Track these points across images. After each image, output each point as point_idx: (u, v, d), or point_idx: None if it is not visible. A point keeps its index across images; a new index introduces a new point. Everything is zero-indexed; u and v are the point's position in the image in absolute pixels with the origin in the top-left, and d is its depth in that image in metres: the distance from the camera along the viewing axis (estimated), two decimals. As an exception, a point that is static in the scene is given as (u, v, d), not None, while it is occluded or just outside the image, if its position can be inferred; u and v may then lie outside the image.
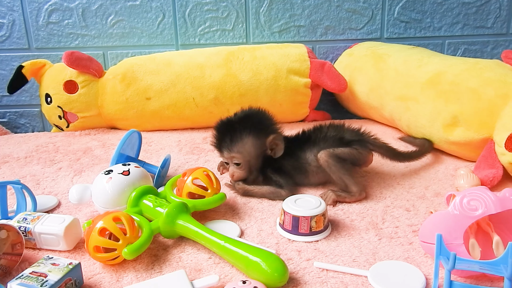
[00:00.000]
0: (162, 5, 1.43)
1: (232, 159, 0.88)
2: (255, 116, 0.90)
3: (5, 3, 1.39)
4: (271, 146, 0.89)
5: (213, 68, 1.29)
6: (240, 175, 0.89)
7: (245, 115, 0.90)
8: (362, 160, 0.93)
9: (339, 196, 0.84)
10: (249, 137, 0.87)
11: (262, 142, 0.88)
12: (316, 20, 1.48)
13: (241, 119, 0.89)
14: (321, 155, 0.86)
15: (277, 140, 0.88)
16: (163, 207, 0.73)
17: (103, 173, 0.80)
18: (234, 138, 0.87)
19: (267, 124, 0.90)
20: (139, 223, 0.70)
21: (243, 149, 0.87)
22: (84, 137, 1.28)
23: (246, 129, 0.86)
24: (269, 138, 0.88)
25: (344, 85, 1.28)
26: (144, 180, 0.81)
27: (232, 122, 0.88)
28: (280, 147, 0.89)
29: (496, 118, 0.93)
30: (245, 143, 0.87)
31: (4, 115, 1.50)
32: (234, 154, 0.87)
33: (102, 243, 0.63)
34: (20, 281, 0.56)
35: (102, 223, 0.64)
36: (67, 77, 1.28)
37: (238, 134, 0.86)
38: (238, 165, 0.89)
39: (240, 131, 0.86)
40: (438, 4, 1.48)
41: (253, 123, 0.88)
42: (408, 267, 0.64)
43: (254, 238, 0.73)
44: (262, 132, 0.88)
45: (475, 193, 0.61)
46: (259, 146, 0.88)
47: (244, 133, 0.86)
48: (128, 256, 0.63)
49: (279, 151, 0.89)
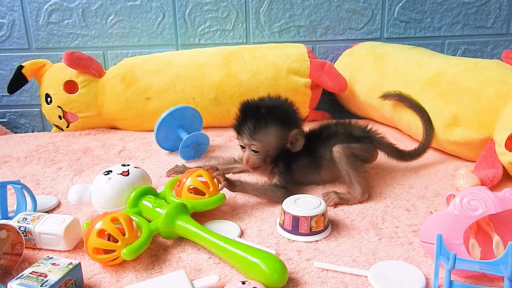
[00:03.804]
0: (162, 5, 1.43)
1: (251, 146, 0.86)
2: (283, 107, 0.87)
3: (5, 3, 1.39)
4: (292, 140, 0.88)
5: (213, 68, 1.29)
6: (255, 162, 0.87)
7: (274, 104, 0.87)
8: (370, 156, 0.94)
9: (341, 199, 0.84)
10: (274, 127, 0.85)
11: (285, 135, 0.86)
12: (316, 20, 1.47)
13: (270, 107, 0.85)
14: (336, 148, 0.86)
15: (299, 135, 0.88)
16: (162, 208, 0.72)
17: (102, 174, 0.79)
18: (258, 125, 0.84)
19: (293, 117, 0.88)
20: (138, 223, 0.70)
21: (265, 138, 0.85)
22: (84, 137, 1.28)
23: (272, 119, 0.84)
24: (292, 132, 0.87)
25: (344, 85, 1.28)
26: (143, 180, 0.81)
27: (260, 108, 0.85)
28: (300, 142, 0.88)
29: (496, 118, 0.93)
30: (269, 132, 0.85)
31: (4, 115, 1.50)
32: (254, 142, 0.85)
33: (101, 244, 0.63)
34: (20, 281, 0.56)
35: (100, 225, 0.64)
36: (67, 77, 1.28)
37: (263, 122, 0.84)
38: (255, 153, 0.86)
39: (266, 119, 0.84)
40: (438, 4, 1.48)
41: (280, 114, 0.85)
42: (408, 267, 0.64)
43: (254, 238, 0.73)
44: (287, 124, 0.86)
45: (475, 193, 0.61)
46: (281, 138, 0.86)
47: (270, 123, 0.84)
48: (127, 257, 0.63)
49: (299, 146, 0.88)
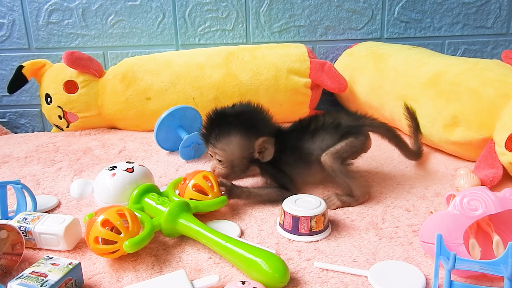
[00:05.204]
0: (162, 5, 1.43)
1: (215, 155, 0.84)
2: (248, 114, 0.83)
3: (5, 3, 1.39)
4: (260, 149, 0.83)
5: (213, 68, 1.29)
6: (220, 172, 0.85)
7: (239, 111, 0.83)
8: (362, 147, 0.88)
9: (343, 203, 0.83)
10: (236, 136, 0.81)
11: (250, 144, 0.82)
12: (316, 20, 1.47)
13: (234, 114, 0.82)
14: (325, 159, 0.82)
15: (267, 144, 0.82)
16: (165, 206, 0.73)
17: (107, 169, 0.80)
18: (220, 133, 0.81)
19: (259, 124, 0.83)
20: (141, 219, 0.70)
21: (227, 147, 0.82)
22: (84, 137, 1.28)
23: (235, 127, 0.80)
24: (258, 141, 0.81)
25: (344, 85, 1.28)
26: (147, 179, 0.81)
27: (225, 115, 0.82)
28: (269, 151, 0.83)
29: (496, 118, 0.93)
30: (230, 141, 0.81)
31: (4, 115, 1.50)
32: (217, 151, 0.82)
33: (104, 234, 0.63)
34: (20, 281, 0.56)
35: (106, 215, 0.64)
36: (67, 77, 1.28)
37: (225, 130, 0.81)
38: (220, 162, 0.84)
39: (228, 127, 0.81)
40: (438, 4, 1.48)
41: (244, 121, 0.81)
42: (408, 267, 0.64)
43: (254, 238, 0.73)
44: (251, 132, 0.81)
45: (475, 193, 0.61)
46: (245, 147, 0.82)
47: (232, 131, 0.81)
48: (129, 249, 0.63)
49: (268, 155, 0.83)
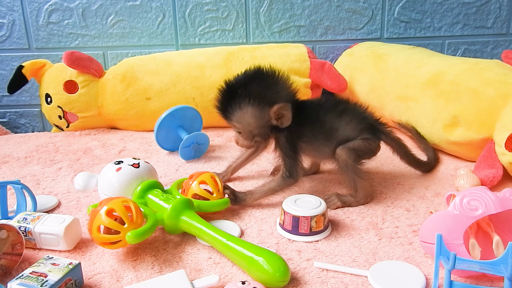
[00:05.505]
0: (162, 5, 1.43)
1: (234, 127, 0.82)
2: (258, 81, 0.79)
3: (5, 3, 1.39)
4: (277, 116, 0.79)
5: (213, 68, 1.29)
6: (243, 143, 0.83)
7: (248, 79, 0.79)
8: (374, 151, 0.88)
9: (344, 203, 0.82)
10: (247, 107, 0.78)
11: (265, 112, 0.79)
12: (316, 20, 1.47)
13: (244, 83, 0.78)
14: (340, 152, 0.82)
15: (283, 110, 0.78)
16: (168, 202, 0.73)
17: (113, 163, 0.81)
18: (233, 106, 0.78)
19: (271, 92, 0.79)
20: (144, 213, 0.70)
21: (242, 119, 0.79)
22: (84, 137, 1.28)
23: (245, 98, 0.77)
24: (273, 109, 0.78)
25: (344, 85, 1.28)
26: (152, 176, 0.82)
27: (235, 87, 0.79)
28: (287, 117, 0.79)
29: (496, 118, 0.93)
30: (244, 113, 0.78)
31: (4, 115, 1.50)
32: (234, 123, 0.81)
33: (108, 224, 0.63)
34: (20, 281, 0.56)
35: (111, 205, 0.64)
36: (67, 77, 1.28)
37: (237, 103, 0.78)
38: (240, 133, 0.82)
39: (239, 99, 0.78)
40: (438, 4, 1.48)
41: (253, 91, 0.78)
42: (408, 267, 0.64)
43: (254, 238, 0.73)
44: (264, 101, 0.78)
45: (475, 193, 0.60)
46: (260, 117, 0.79)
47: (243, 103, 0.78)
48: (131, 240, 0.63)
49: (287, 121, 0.80)
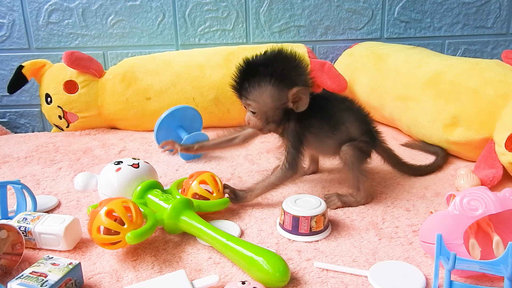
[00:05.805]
0: (162, 5, 1.43)
1: (248, 107, 0.80)
2: (281, 61, 0.78)
3: (5, 3, 1.39)
4: (294, 99, 0.78)
5: (213, 68, 1.29)
6: (255, 124, 0.81)
7: (271, 58, 0.78)
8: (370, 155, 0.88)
9: (344, 203, 0.83)
10: (267, 86, 0.76)
11: (284, 94, 0.77)
12: (316, 20, 1.47)
13: (265, 63, 0.77)
14: (345, 149, 0.82)
15: (302, 94, 0.77)
16: (168, 203, 0.73)
17: (112, 163, 0.81)
18: (252, 84, 0.77)
19: (292, 73, 0.78)
20: (144, 213, 0.70)
21: (259, 98, 0.78)
22: (84, 137, 1.28)
23: (266, 76, 0.76)
24: (292, 91, 0.77)
25: (344, 85, 1.28)
26: (152, 176, 0.82)
27: (256, 65, 0.78)
28: (304, 101, 0.78)
29: (496, 118, 0.93)
30: (262, 92, 0.77)
31: (4, 115, 1.50)
32: (250, 102, 0.79)
33: (108, 224, 0.64)
34: (20, 281, 0.56)
35: (111, 205, 0.65)
36: (67, 77, 1.28)
37: (256, 81, 0.77)
38: (254, 114, 0.80)
39: (259, 78, 0.76)
40: (438, 4, 1.48)
41: (276, 70, 0.76)
42: (408, 267, 0.64)
43: (254, 238, 0.73)
44: (285, 82, 0.77)
45: (475, 193, 0.60)
46: (278, 97, 0.78)
47: (264, 81, 0.76)
48: (131, 241, 0.63)
49: (303, 106, 0.79)
